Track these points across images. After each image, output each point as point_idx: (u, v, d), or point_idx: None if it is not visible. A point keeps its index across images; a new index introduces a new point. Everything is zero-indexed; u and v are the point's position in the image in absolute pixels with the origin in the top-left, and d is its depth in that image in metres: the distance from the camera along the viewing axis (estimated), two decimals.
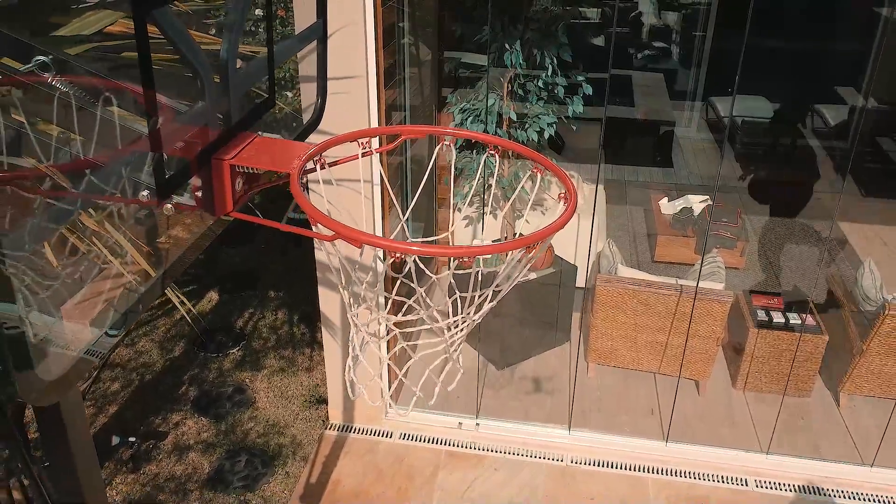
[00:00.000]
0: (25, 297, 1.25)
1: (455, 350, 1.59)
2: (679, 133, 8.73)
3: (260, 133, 1.49)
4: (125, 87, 1.31)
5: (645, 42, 11.95)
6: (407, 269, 1.59)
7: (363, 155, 1.62)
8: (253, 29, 4.44)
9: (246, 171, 1.36)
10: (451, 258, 1.38)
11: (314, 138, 1.69)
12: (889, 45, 8.39)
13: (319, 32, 1.69)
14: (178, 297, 2.84)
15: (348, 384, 1.68)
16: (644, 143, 8.29)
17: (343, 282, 1.53)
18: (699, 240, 5.98)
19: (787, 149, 8.28)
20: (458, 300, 1.43)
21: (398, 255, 1.26)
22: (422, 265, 1.58)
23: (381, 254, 2.02)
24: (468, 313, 1.43)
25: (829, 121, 8.96)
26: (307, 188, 3.43)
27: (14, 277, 1.19)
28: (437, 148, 1.79)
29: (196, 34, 1.72)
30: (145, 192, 1.29)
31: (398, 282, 1.73)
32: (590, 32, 11.83)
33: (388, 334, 2.43)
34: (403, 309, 1.63)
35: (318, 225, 1.30)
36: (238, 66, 1.38)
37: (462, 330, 1.49)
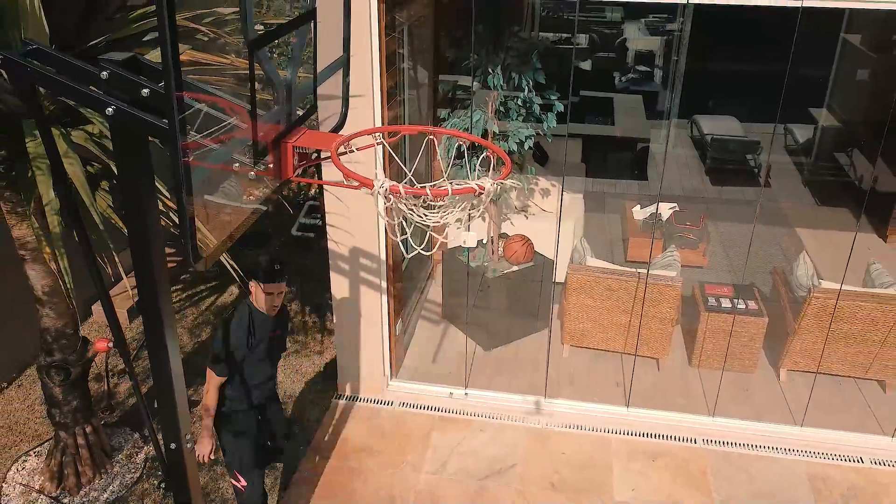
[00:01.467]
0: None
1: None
2: (655, 149, 9.51)
3: (305, 128, 2.25)
4: (233, 105, 2.06)
5: (629, 66, 12.81)
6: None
7: (378, 143, 2.37)
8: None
9: (300, 150, 2.11)
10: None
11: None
12: (846, 70, 9.24)
13: (345, 64, 2.45)
14: (229, 264, 3.55)
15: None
16: (622, 158, 9.06)
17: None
18: (666, 241, 6.72)
19: (750, 164, 9.04)
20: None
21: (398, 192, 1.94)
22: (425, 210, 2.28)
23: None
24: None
25: (797, 139, 9.77)
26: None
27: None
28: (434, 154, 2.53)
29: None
30: (236, 165, 2.04)
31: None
32: (577, 57, 12.70)
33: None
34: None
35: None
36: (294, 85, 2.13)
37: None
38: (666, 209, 7.18)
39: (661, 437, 4.93)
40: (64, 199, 2.80)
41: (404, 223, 2.05)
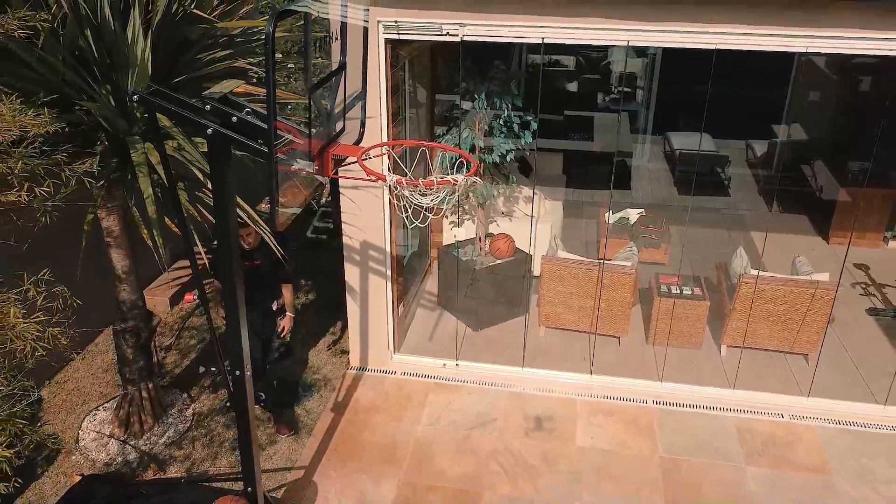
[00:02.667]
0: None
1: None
2: (632, 162, 10.57)
3: (339, 142, 3.30)
4: (291, 128, 3.11)
5: (613, 86, 13.90)
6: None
7: (384, 153, 3.42)
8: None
9: (336, 157, 3.16)
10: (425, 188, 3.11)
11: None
12: (800, 93, 10.32)
13: (363, 98, 3.51)
14: (272, 242, 4.58)
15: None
16: (600, 171, 10.10)
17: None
18: (633, 241, 7.75)
19: (714, 175, 10.11)
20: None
21: (402, 183, 2.99)
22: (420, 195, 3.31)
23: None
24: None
25: (756, 153, 10.85)
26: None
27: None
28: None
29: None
30: (296, 165, 3.09)
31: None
32: (565, 78, 13.82)
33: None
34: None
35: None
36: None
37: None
38: (634, 214, 8.23)
39: (617, 398, 5.95)
40: (156, 195, 3.86)
41: (407, 205, 3.09)
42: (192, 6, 4.05)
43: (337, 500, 4.91)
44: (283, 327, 5.46)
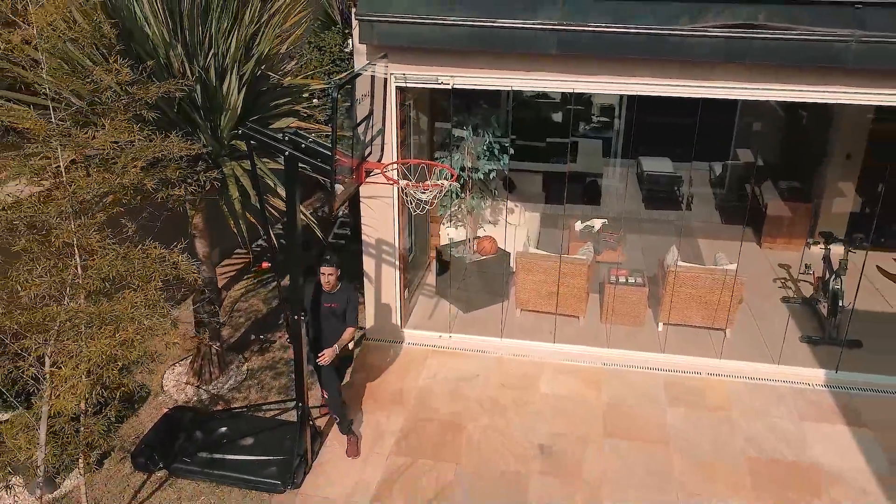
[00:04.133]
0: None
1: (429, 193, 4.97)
2: (605, 182, 12.35)
3: (367, 160, 5.09)
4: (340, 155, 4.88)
5: (594, 115, 15.73)
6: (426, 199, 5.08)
7: (396, 169, 5.21)
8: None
9: (367, 171, 4.93)
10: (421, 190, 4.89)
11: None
12: (746, 123, 12.11)
13: (382, 132, 5.30)
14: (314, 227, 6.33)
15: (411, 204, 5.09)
16: (574, 189, 11.86)
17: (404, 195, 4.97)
18: (590, 243, 9.50)
19: (672, 192, 11.88)
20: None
21: (414, 187, 4.77)
22: (420, 192, 5.09)
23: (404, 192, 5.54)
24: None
25: (715, 174, 12.63)
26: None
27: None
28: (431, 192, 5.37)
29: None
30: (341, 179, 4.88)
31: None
32: (550, 109, 15.65)
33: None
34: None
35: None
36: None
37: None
38: (598, 223, 9.99)
39: (574, 362, 7.65)
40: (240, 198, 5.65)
41: (412, 200, 4.86)
42: (265, 69, 5.87)
43: (362, 427, 6.62)
44: (325, 355, 5.77)
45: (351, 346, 6.38)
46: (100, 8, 5.19)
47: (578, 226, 9.98)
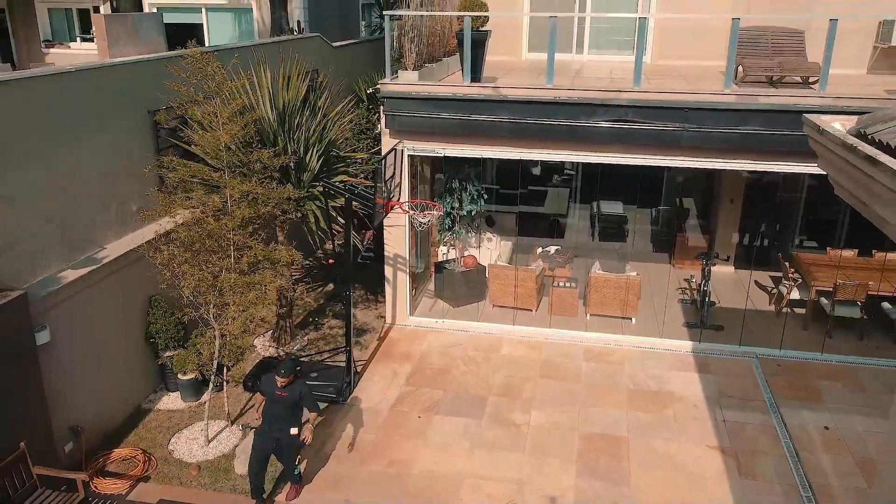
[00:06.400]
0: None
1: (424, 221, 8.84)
2: (566, 221, 16.17)
3: (392, 200, 8.95)
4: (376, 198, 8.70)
5: (565, 169, 19.60)
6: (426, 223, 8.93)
7: (407, 207, 9.07)
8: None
9: (391, 207, 8.74)
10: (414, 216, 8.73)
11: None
12: (672, 177, 15.92)
13: (400, 182, 9.14)
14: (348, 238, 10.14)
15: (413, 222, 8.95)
16: (541, 225, 15.66)
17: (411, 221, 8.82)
18: (549, 263, 13.27)
19: (619, 228, 15.67)
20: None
21: (418, 214, 8.59)
22: (420, 218, 8.93)
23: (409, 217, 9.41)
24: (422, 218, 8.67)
25: (654, 215, 16.42)
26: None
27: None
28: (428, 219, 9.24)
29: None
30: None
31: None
32: (530, 164, 19.50)
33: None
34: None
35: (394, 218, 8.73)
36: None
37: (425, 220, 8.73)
38: (553, 249, 13.77)
39: (526, 337, 11.36)
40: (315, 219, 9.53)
41: (416, 223, 8.69)
42: (330, 146, 9.79)
43: (381, 371, 10.33)
44: (307, 435, 7.51)
45: (310, 429, 7.69)
46: (249, 118, 9.04)
47: (539, 251, 13.78)
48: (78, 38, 22.07)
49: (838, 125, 6.25)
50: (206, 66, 8.23)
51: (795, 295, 11.78)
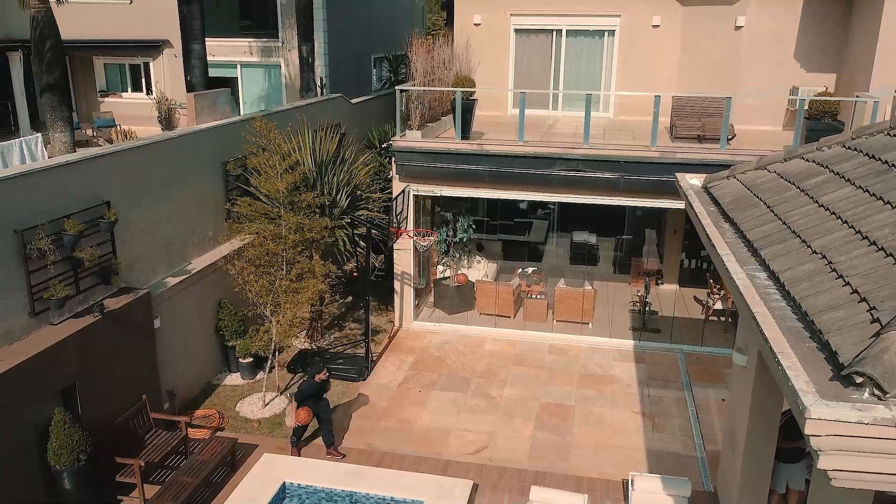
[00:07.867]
0: None
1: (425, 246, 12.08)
2: (544, 248, 19.36)
3: (400, 228, 12.19)
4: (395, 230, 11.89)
5: (546, 203, 22.82)
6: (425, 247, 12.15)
7: (412, 235, 12.30)
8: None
9: (401, 234, 11.93)
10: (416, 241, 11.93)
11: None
12: (631, 210, 19.14)
13: (408, 215, 12.36)
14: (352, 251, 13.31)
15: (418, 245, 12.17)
16: (522, 250, 18.83)
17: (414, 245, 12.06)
18: (526, 279, 16.41)
19: (590, 254, 18.87)
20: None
21: (416, 237, 11.79)
22: (422, 242, 12.15)
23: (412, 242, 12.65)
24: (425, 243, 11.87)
25: (617, 243, 19.60)
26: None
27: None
28: (429, 244, 12.47)
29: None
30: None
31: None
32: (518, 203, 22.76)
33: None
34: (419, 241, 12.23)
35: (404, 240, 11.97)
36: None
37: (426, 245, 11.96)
38: (530, 269, 16.93)
39: (504, 337, 14.48)
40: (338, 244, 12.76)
41: (419, 246, 11.89)
42: (356, 188, 13.05)
43: (391, 360, 13.45)
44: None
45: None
46: (299, 171, 12.25)
47: (519, 271, 16.97)
48: (129, 89, 25.63)
49: (696, 181, 9.64)
50: (268, 132, 11.54)
51: (719, 305, 14.91)
